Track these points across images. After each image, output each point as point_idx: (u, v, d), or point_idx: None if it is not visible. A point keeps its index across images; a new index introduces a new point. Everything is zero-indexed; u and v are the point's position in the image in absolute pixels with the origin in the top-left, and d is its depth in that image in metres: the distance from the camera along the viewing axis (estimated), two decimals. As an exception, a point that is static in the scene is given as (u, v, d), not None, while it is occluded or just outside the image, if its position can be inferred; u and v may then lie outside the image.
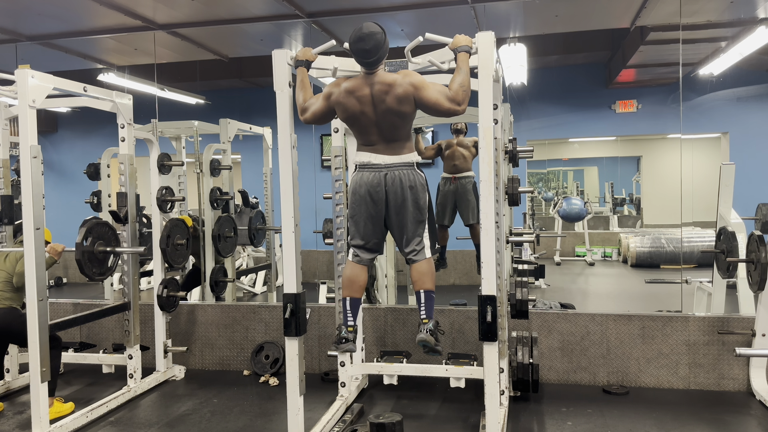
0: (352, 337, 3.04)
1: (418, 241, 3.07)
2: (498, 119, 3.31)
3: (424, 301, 3.05)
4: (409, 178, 3.00)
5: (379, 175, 3.01)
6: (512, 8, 5.07)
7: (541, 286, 7.33)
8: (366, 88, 2.94)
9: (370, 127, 2.99)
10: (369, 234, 3.12)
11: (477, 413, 3.70)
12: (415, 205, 3.02)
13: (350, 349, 3.05)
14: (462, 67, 2.86)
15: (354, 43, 2.89)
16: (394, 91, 2.89)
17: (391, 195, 3.01)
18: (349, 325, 3.06)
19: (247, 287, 7.31)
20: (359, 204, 3.07)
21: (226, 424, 3.72)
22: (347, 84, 2.98)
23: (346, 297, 3.13)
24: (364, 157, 3.04)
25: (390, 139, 3.01)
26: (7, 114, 4.36)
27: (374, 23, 2.92)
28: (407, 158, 3.03)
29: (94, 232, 4.01)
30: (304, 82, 3.04)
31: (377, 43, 2.86)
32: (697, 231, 8.52)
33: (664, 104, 7.73)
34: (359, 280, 3.14)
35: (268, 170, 6.40)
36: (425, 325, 2.99)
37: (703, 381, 4.12)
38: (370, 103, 2.94)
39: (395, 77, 2.92)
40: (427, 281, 3.06)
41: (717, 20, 5.50)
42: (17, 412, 4.01)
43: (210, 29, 5.44)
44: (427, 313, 3.03)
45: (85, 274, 3.95)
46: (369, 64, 2.91)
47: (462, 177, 5.54)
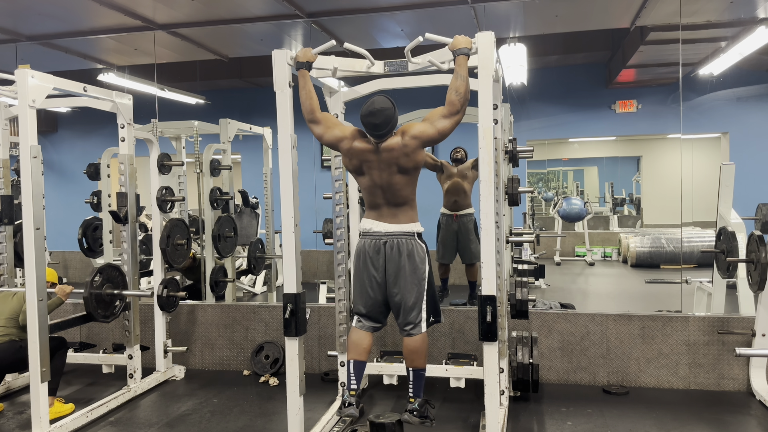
0: (354, 402, 2.98)
1: (415, 314, 3.01)
2: (498, 119, 3.31)
3: (413, 380, 3.02)
4: (408, 247, 2.99)
5: (379, 242, 3.02)
6: (512, 8, 5.06)
7: (541, 286, 7.33)
8: (373, 155, 2.97)
9: (375, 188, 3.02)
10: (370, 303, 3.09)
11: (477, 413, 3.70)
12: (412, 273, 2.99)
13: (352, 414, 2.97)
14: (460, 72, 2.86)
15: (365, 116, 2.92)
16: (398, 151, 2.92)
17: (389, 263, 3.00)
18: (353, 388, 3.02)
19: (247, 287, 7.31)
20: (361, 271, 3.08)
21: (226, 424, 3.72)
22: (360, 145, 2.99)
23: (350, 360, 3.09)
24: (366, 224, 3.07)
25: (394, 204, 3.01)
26: (7, 114, 4.37)
27: (385, 97, 2.96)
28: (408, 227, 3.02)
29: (105, 274, 4.06)
30: (309, 89, 3.03)
31: (387, 118, 2.90)
32: (697, 231, 8.52)
33: (664, 104, 7.72)
34: (363, 344, 3.10)
35: (268, 170, 6.40)
36: (411, 404, 2.96)
37: (703, 381, 4.12)
38: (377, 168, 2.97)
39: (397, 139, 2.93)
40: (418, 360, 3.01)
41: (717, 20, 5.50)
42: (17, 412, 4.01)
43: (210, 29, 5.43)
44: (415, 393, 3.00)
45: (91, 315, 3.98)
46: (378, 137, 2.95)
47: (464, 215, 5.58)
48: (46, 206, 3.92)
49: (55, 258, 8.02)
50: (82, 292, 3.91)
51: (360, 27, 5.44)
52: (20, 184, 3.44)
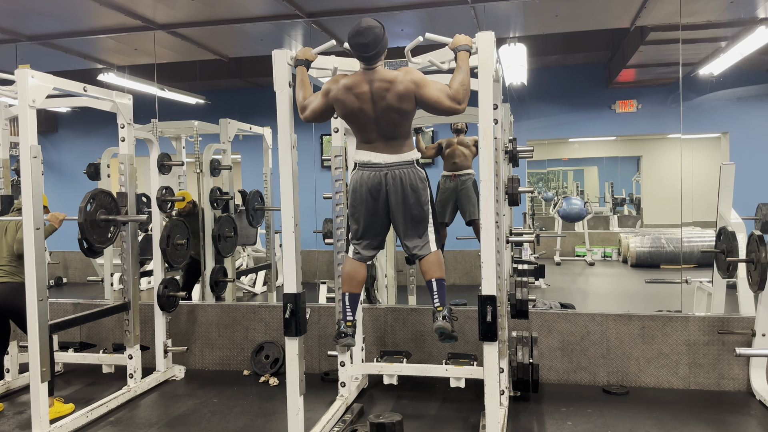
0: (351, 332, 3.07)
1: (423, 237, 3.09)
2: (498, 119, 3.31)
3: (437, 290, 3.05)
4: (410, 177, 3.00)
5: (380, 174, 3.01)
6: (512, 8, 5.07)
7: (541, 286, 7.33)
8: (365, 84, 2.93)
9: (369, 124, 2.99)
10: (370, 232, 3.13)
11: (477, 413, 3.70)
12: (417, 204, 3.03)
13: (349, 343, 3.06)
14: (462, 66, 2.86)
15: (352, 37, 2.88)
16: (394, 88, 2.88)
17: (393, 195, 3.01)
18: (348, 319, 3.09)
19: (247, 287, 7.31)
20: (360, 203, 3.07)
21: (226, 424, 3.72)
22: (346, 80, 2.96)
23: (345, 292, 3.15)
24: (364, 156, 3.04)
25: (390, 137, 3.00)
26: (7, 114, 4.37)
27: (373, 18, 2.92)
28: (407, 156, 3.02)
29: (97, 200, 4.01)
30: (304, 81, 3.04)
31: (376, 36, 2.86)
32: (697, 231, 8.52)
33: (664, 104, 7.73)
34: (358, 276, 3.16)
35: (268, 170, 6.40)
36: (440, 312, 2.99)
37: (703, 381, 4.12)
38: (370, 101, 2.93)
39: (396, 74, 2.91)
40: (437, 270, 3.07)
41: (717, 20, 5.50)
42: (17, 412, 4.01)
43: (210, 29, 5.44)
44: (441, 301, 3.03)
45: (87, 240, 3.94)
46: (368, 59, 2.90)
47: (462, 174, 5.55)
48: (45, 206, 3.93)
49: (55, 258, 8.03)
50: (76, 218, 3.87)
51: (360, 27, 5.44)
52: (20, 184, 3.44)
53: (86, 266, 8.05)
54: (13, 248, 3.86)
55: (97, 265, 7.35)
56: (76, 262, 8.37)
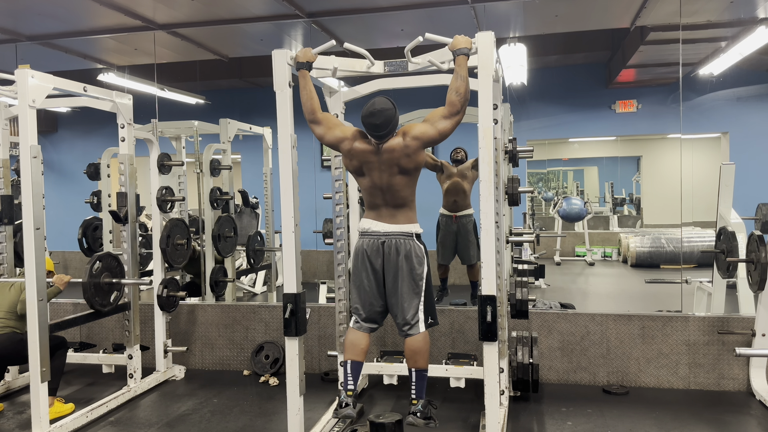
0: (351, 402, 2.95)
1: (412, 314, 2.99)
2: (498, 119, 3.31)
3: (415, 381, 2.98)
4: (406, 248, 2.98)
5: (377, 242, 3.01)
6: (512, 8, 5.06)
7: (541, 286, 7.33)
8: (374, 156, 2.97)
9: (375, 189, 3.01)
10: (367, 303, 3.08)
11: (477, 413, 3.70)
12: (410, 274, 2.98)
13: (349, 414, 2.94)
14: (460, 72, 2.85)
15: (365, 117, 2.91)
16: (399, 152, 2.91)
17: (387, 263, 3.00)
18: (350, 389, 2.99)
19: (247, 287, 7.31)
20: (359, 271, 3.07)
21: (226, 424, 3.72)
22: (360, 145, 2.98)
23: (347, 360, 3.07)
24: (365, 224, 3.06)
25: (395, 204, 3.01)
26: (7, 114, 4.37)
27: (386, 98, 2.95)
28: (407, 228, 3.01)
29: (104, 263, 4.04)
30: (309, 88, 3.02)
31: (387, 119, 2.89)
32: (697, 231, 8.52)
33: (664, 104, 7.73)
34: (360, 344, 3.09)
35: (268, 170, 6.40)
36: (415, 406, 2.92)
37: (703, 381, 4.12)
38: (378, 169, 2.97)
39: (398, 141, 2.93)
40: (420, 360, 2.99)
41: (717, 20, 5.50)
42: (17, 412, 4.01)
43: (210, 29, 5.44)
44: (417, 394, 2.96)
45: (90, 303, 3.97)
46: (379, 137, 2.94)
47: (463, 216, 5.58)
48: (46, 206, 3.93)
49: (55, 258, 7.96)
50: (81, 281, 3.90)
51: (360, 27, 5.44)
52: (20, 184, 3.44)
53: (86, 266, 8.04)
54: (17, 308, 3.85)
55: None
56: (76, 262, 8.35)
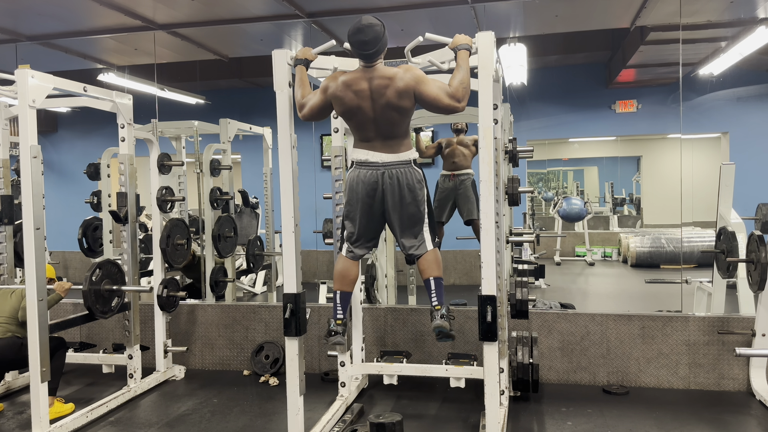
0: (341, 330, 3.04)
1: (419, 237, 3.09)
2: (498, 119, 3.31)
3: (435, 288, 3.05)
4: (407, 177, 3.00)
5: (377, 173, 3.00)
6: (512, 8, 5.07)
7: (541, 286, 7.33)
8: (364, 82, 2.92)
9: (367, 122, 2.98)
10: (365, 231, 3.13)
11: (477, 413, 3.70)
12: (413, 203, 3.03)
13: (338, 341, 3.04)
14: (462, 65, 2.86)
15: (352, 35, 2.88)
16: (394, 85, 2.88)
17: (389, 194, 3.01)
18: (338, 317, 3.07)
19: (247, 287, 7.31)
20: (356, 201, 3.07)
21: (226, 424, 3.72)
22: (345, 77, 2.96)
23: (336, 290, 3.14)
24: (361, 155, 3.03)
25: (388, 136, 3.00)
26: (7, 114, 4.37)
27: (373, 16, 2.92)
28: (405, 156, 3.02)
29: (104, 270, 4.04)
30: (303, 80, 3.04)
31: (376, 34, 2.86)
32: (697, 231, 8.51)
33: (664, 104, 7.72)
34: (350, 274, 3.16)
35: (268, 170, 6.40)
36: (438, 311, 2.98)
37: (703, 381, 4.12)
38: (369, 98, 2.92)
39: (396, 71, 2.91)
40: (435, 269, 3.07)
41: (717, 20, 5.50)
42: (17, 412, 4.01)
43: (210, 29, 5.44)
44: (439, 300, 3.02)
45: (91, 311, 3.97)
46: (368, 57, 2.90)
47: (461, 174, 5.55)
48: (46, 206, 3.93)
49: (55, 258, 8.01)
50: (81, 288, 3.90)
51: (360, 27, 5.44)
52: (20, 184, 3.44)
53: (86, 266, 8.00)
54: (18, 315, 3.84)
55: (97, 263, 7.34)
56: (76, 262, 8.36)
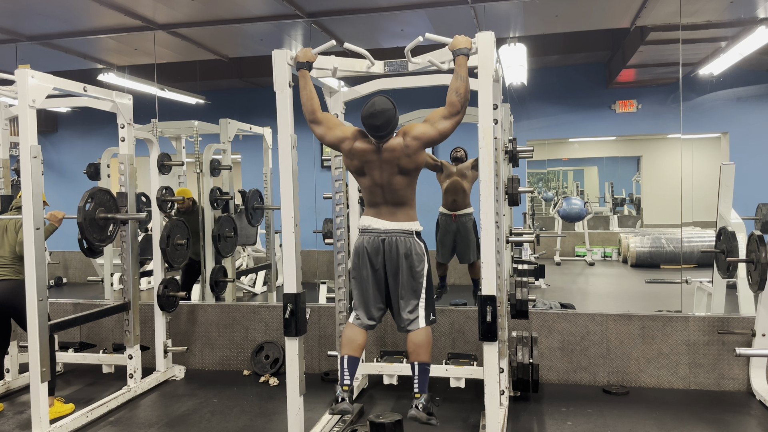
0: (347, 396, 2.94)
1: (411, 310, 3.01)
2: (498, 119, 3.31)
3: (418, 375, 2.96)
4: (406, 245, 2.98)
5: (377, 240, 3.01)
6: (512, 8, 5.06)
7: (541, 286, 7.33)
8: (375, 155, 2.97)
9: (375, 188, 3.01)
10: (367, 299, 3.09)
11: (477, 413, 3.70)
12: (410, 272, 2.98)
13: (344, 409, 2.91)
14: (460, 72, 2.85)
15: (365, 117, 2.91)
16: (403, 151, 2.92)
17: (388, 261, 3.00)
18: (345, 384, 2.97)
19: (247, 287, 7.31)
20: (360, 268, 3.07)
21: (226, 424, 3.72)
22: (361, 145, 2.98)
23: (344, 356, 3.07)
24: (366, 222, 3.06)
25: (394, 203, 3.01)
26: (7, 114, 4.37)
27: (386, 98, 2.95)
28: (407, 226, 3.01)
29: (96, 198, 3.99)
30: (309, 88, 3.02)
31: (388, 119, 2.90)
32: (697, 231, 8.52)
33: (664, 104, 7.72)
34: (357, 340, 3.08)
35: (268, 170, 6.40)
36: (418, 400, 2.90)
37: (703, 381, 4.12)
38: (379, 168, 2.97)
39: (399, 141, 2.93)
40: (422, 353, 2.98)
41: (717, 20, 5.50)
42: (17, 412, 4.01)
43: (210, 29, 5.44)
44: (420, 388, 2.94)
45: (87, 239, 3.92)
46: (379, 138, 2.94)
47: (462, 215, 5.55)
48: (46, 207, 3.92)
49: (55, 258, 8.03)
50: (76, 217, 3.85)
51: (360, 27, 5.44)
52: (20, 184, 3.44)
53: (86, 266, 8.05)
54: (16, 249, 3.83)
55: (97, 265, 7.35)
56: (76, 262, 8.37)
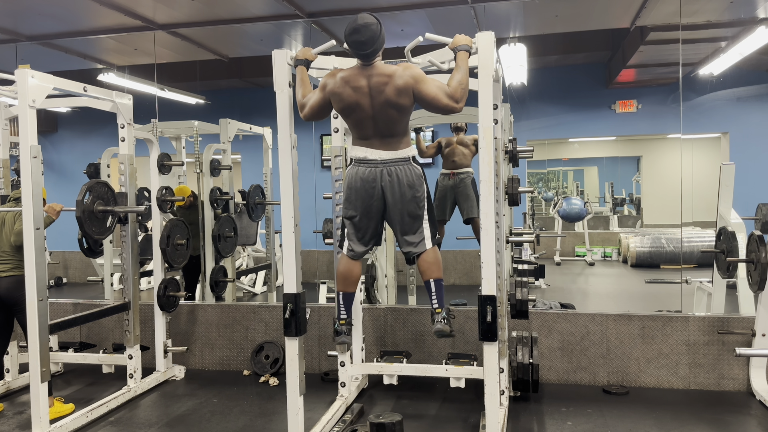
0: (346, 330, 3.07)
1: (418, 235, 3.07)
2: (498, 119, 3.31)
3: (435, 291, 3.03)
4: (407, 174, 3.00)
5: (375, 170, 3.00)
6: (512, 8, 5.07)
7: (541, 286, 7.33)
8: (363, 79, 2.92)
9: (366, 120, 2.98)
10: (365, 228, 3.13)
11: (477, 413, 3.70)
12: (413, 201, 3.02)
13: (344, 341, 3.08)
14: (461, 66, 2.86)
15: (349, 35, 2.88)
16: (393, 83, 2.88)
17: (389, 192, 3.01)
18: (342, 317, 3.09)
19: (247, 287, 7.31)
20: (355, 198, 3.07)
21: (226, 424, 3.72)
22: (343, 74, 2.96)
23: (339, 291, 3.15)
24: (360, 152, 3.04)
25: (386, 134, 3.00)
26: (7, 114, 4.37)
27: (369, 14, 2.92)
28: (404, 153, 3.02)
29: (94, 191, 3.98)
30: (304, 80, 3.05)
31: (373, 34, 2.86)
32: (697, 231, 8.52)
33: (664, 104, 7.73)
34: (353, 274, 3.16)
35: (268, 170, 6.40)
36: (439, 314, 2.98)
37: (703, 381, 4.12)
38: (368, 95, 2.92)
39: (395, 68, 2.91)
40: (435, 270, 3.05)
41: (717, 20, 5.50)
42: (17, 412, 4.01)
43: (210, 29, 5.44)
44: (439, 302, 3.02)
45: (85, 233, 3.91)
46: (365, 56, 2.90)
47: (461, 172, 5.55)
48: (46, 206, 3.92)
49: (55, 258, 8.03)
50: (74, 210, 3.85)
51: (360, 27, 5.44)
52: (20, 184, 3.44)
53: (86, 266, 8.05)
54: (11, 240, 3.82)
55: (97, 265, 7.35)
56: (76, 262, 8.36)
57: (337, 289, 3.17)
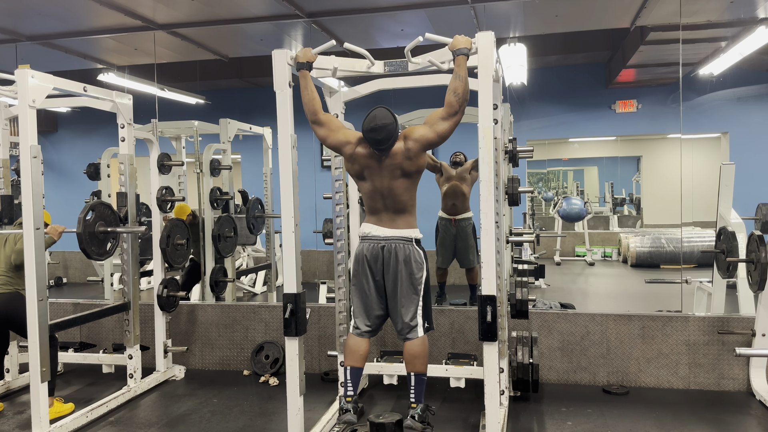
0: (351, 407, 2.96)
1: (410, 318, 3.01)
2: (498, 119, 3.31)
3: (414, 385, 2.99)
4: (405, 252, 2.99)
5: (377, 247, 3.03)
6: (512, 8, 5.07)
7: (541, 286, 7.33)
8: (376, 161, 2.99)
9: (375, 194, 3.03)
10: (367, 306, 3.10)
11: (477, 413, 3.70)
12: (409, 279, 3.00)
13: (349, 420, 2.94)
14: (459, 72, 2.86)
15: (367, 131, 2.93)
16: (404, 155, 2.94)
17: (387, 268, 3.02)
18: (349, 395, 3.00)
19: (247, 287, 7.31)
20: (360, 275, 3.09)
21: (226, 424, 3.72)
22: (363, 149, 3.00)
23: (347, 366, 3.08)
24: (366, 229, 3.08)
25: (394, 209, 3.02)
26: (7, 114, 4.37)
27: (386, 110, 2.96)
28: (407, 233, 3.02)
29: (97, 212, 3.98)
30: (310, 89, 3.03)
31: (389, 133, 2.92)
32: (697, 231, 8.52)
33: (664, 104, 7.72)
34: (360, 350, 3.10)
35: (268, 170, 6.40)
36: (414, 410, 2.93)
37: (703, 381, 4.12)
38: (379, 174, 2.99)
39: (400, 145, 2.95)
40: (419, 364, 3.00)
41: (717, 20, 5.50)
42: (17, 412, 4.01)
43: (210, 29, 5.44)
44: (417, 398, 2.97)
45: (86, 252, 3.91)
46: (381, 150, 2.96)
47: (462, 219, 5.57)
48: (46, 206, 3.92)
49: (55, 258, 8.03)
50: (75, 230, 3.84)
51: (360, 27, 5.44)
52: (20, 184, 3.44)
53: (86, 266, 8.05)
54: (11, 258, 3.83)
55: (97, 265, 7.35)
56: (76, 262, 8.36)
57: (344, 364, 3.10)
